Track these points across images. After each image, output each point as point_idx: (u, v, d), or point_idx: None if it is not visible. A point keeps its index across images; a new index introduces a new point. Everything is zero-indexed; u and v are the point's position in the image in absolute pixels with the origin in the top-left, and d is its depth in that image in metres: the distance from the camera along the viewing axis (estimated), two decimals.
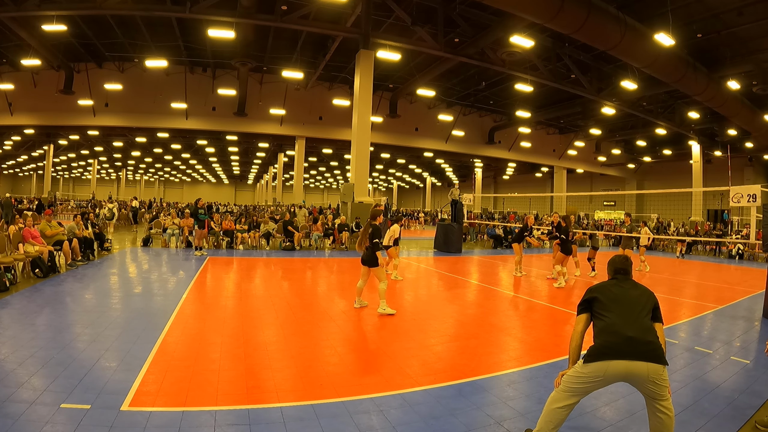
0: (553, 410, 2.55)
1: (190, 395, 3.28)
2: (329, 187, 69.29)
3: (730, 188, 8.30)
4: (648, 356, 2.40)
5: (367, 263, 6.08)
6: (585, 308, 2.72)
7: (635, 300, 2.64)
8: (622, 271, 2.89)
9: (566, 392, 2.54)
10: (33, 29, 16.06)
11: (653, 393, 2.44)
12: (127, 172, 57.48)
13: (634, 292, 2.69)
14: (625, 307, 2.59)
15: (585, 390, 2.52)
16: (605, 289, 2.72)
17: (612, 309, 2.59)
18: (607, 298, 2.66)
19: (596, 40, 13.78)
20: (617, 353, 2.42)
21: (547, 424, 2.57)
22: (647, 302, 2.65)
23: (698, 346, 5.09)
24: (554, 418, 2.55)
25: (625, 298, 2.65)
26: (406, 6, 15.47)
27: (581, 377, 2.50)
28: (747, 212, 22.18)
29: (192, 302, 6.34)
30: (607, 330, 2.52)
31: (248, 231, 14.18)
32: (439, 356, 4.44)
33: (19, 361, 3.76)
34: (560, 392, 2.57)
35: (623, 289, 2.71)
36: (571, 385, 2.53)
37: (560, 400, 2.55)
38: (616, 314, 2.56)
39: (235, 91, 22.67)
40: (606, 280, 2.87)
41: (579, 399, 2.56)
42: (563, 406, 2.54)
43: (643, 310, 2.60)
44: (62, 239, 8.87)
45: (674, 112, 23.47)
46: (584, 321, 2.71)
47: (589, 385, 2.50)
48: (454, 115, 27.65)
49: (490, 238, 19.05)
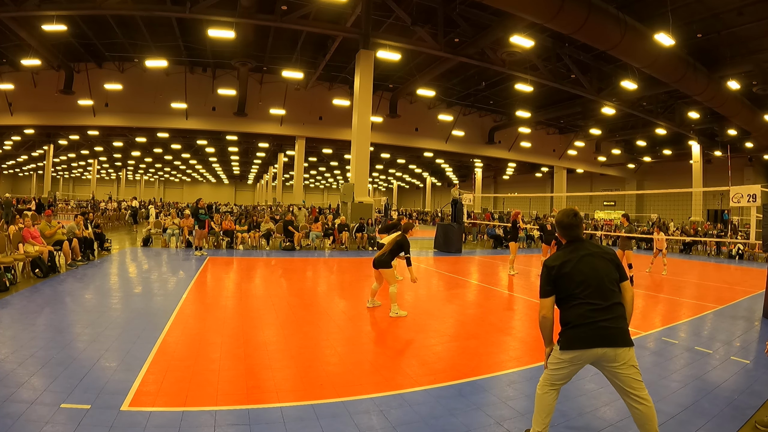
0: (540, 397, 2.63)
1: (190, 395, 3.28)
2: (329, 187, 69.28)
3: (730, 188, 8.31)
4: (617, 341, 2.43)
5: (379, 266, 6.09)
6: (551, 291, 2.57)
7: (603, 272, 2.50)
8: (575, 232, 2.64)
9: (550, 384, 2.62)
10: (33, 29, 16.07)
11: (624, 379, 2.45)
12: (127, 172, 57.45)
13: (598, 262, 2.53)
14: (595, 286, 2.47)
15: (567, 376, 2.59)
16: (570, 266, 2.53)
17: (582, 290, 2.48)
18: (574, 277, 2.50)
19: (596, 40, 13.78)
20: (592, 342, 2.45)
21: (539, 414, 2.62)
22: (611, 270, 2.53)
23: (698, 346, 5.08)
24: (544, 406, 2.61)
25: (592, 274, 2.49)
26: (406, 6, 15.46)
27: (561, 364, 2.55)
28: (747, 212, 22.17)
29: (192, 302, 6.34)
30: (581, 317, 2.47)
31: (248, 231, 14.19)
32: (439, 356, 4.44)
33: (19, 361, 3.76)
34: (545, 384, 2.63)
35: (587, 261, 2.52)
36: (554, 373, 2.59)
37: (546, 391, 2.62)
38: (587, 297, 2.47)
39: (235, 91, 22.67)
40: (565, 250, 2.63)
41: (562, 385, 2.64)
42: (549, 393, 2.61)
43: (611, 282, 2.50)
44: (62, 239, 8.87)
45: (674, 112, 23.47)
46: (552, 305, 2.58)
47: (569, 371, 2.56)
48: (454, 115, 27.66)
49: (490, 238, 19.05)
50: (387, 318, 5.86)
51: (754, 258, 17.09)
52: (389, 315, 5.94)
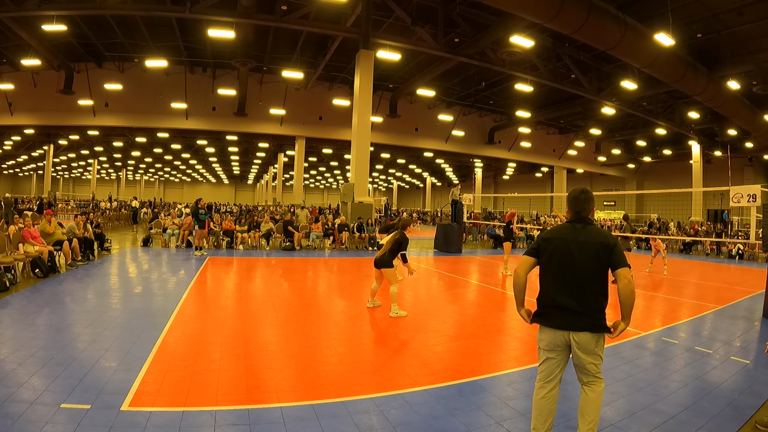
0: (537, 401, 2.61)
1: (190, 395, 3.28)
2: (329, 187, 69.28)
3: (730, 188, 8.29)
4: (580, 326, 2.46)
5: (380, 265, 6.08)
6: (533, 254, 2.64)
7: (584, 258, 2.47)
8: (578, 207, 2.61)
9: (541, 380, 2.61)
10: (33, 29, 16.06)
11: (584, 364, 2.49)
12: (127, 172, 57.48)
13: (585, 249, 2.48)
14: (567, 266, 2.49)
15: (554, 369, 2.57)
16: (556, 241, 2.56)
17: (554, 266, 2.54)
18: (552, 254, 2.54)
19: (596, 40, 13.78)
20: (557, 323, 2.50)
21: (537, 418, 2.60)
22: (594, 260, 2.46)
23: (698, 346, 5.08)
24: (542, 409, 2.58)
25: (570, 255, 2.49)
26: (406, 6, 15.46)
27: (542, 354, 2.58)
28: (747, 212, 22.17)
29: (192, 302, 6.34)
30: (547, 293, 2.56)
31: (248, 231, 14.19)
32: (439, 356, 4.44)
33: (19, 361, 3.76)
34: (537, 381, 2.64)
35: (575, 241, 2.51)
36: (541, 366, 2.60)
37: (539, 389, 2.61)
38: (557, 274, 2.52)
39: (235, 91, 22.67)
40: (563, 224, 2.66)
41: (557, 382, 2.59)
42: (545, 395, 2.58)
43: (588, 270, 2.46)
44: (62, 239, 8.87)
45: (674, 112, 23.48)
46: (529, 265, 2.64)
47: (551, 363, 2.56)
48: (454, 115, 27.65)
49: (490, 238, 19.05)
50: (387, 318, 5.86)
51: (754, 258, 17.09)
52: (389, 315, 5.93)
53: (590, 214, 2.62)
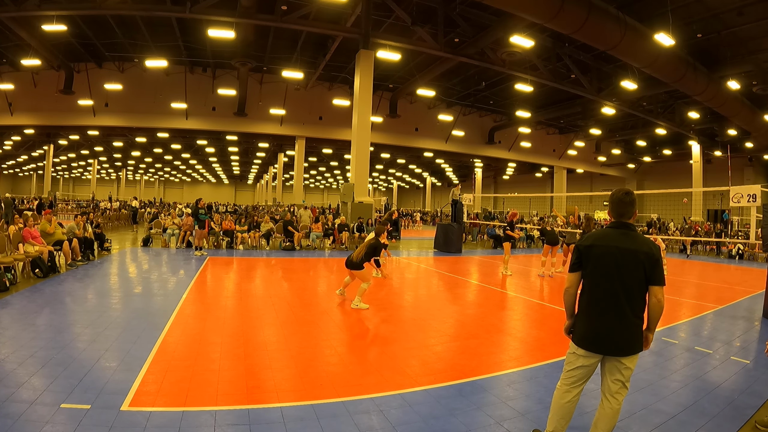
0: (562, 405, 2.58)
1: (190, 395, 3.28)
2: (329, 187, 69.28)
3: (730, 188, 8.30)
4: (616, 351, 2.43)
5: (351, 267, 6.40)
6: (577, 267, 2.52)
7: (630, 268, 2.35)
8: (620, 210, 2.48)
9: (568, 384, 2.58)
10: (33, 29, 16.06)
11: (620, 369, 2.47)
12: (127, 172, 57.46)
13: (627, 258, 2.35)
14: (608, 286, 2.37)
15: (583, 376, 2.55)
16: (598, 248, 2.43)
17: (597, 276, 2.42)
18: (596, 264, 2.42)
19: (596, 40, 13.77)
20: (595, 347, 2.46)
21: (558, 421, 2.59)
22: (640, 271, 2.35)
23: (698, 346, 5.08)
24: (566, 412, 2.58)
25: (614, 265, 2.36)
26: (406, 6, 15.46)
27: (576, 360, 2.54)
28: (747, 212, 22.17)
29: (192, 302, 6.34)
30: (588, 315, 2.50)
31: (248, 231, 14.19)
32: (439, 356, 4.44)
33: (19, 361, 3.76)
34: (563, 385, 2.60)
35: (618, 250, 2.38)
36: (570, 371, 2.57)
37: (565, 393, 2.58)
38: (599, 295, 2.43)
39: (235, 91, 22.67)
40: (604, 230, 2.54)
41: (583, 387, 2.58)
42: (571, 399, 2.57)
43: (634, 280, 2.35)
44: (62, 239, 8.87)
45: (674, 112, 23.47)
46: (577, 280, 2.54)
47: (583, 370, 2.54)
48: (454, 115, 27.65)
49: (490, 238, 19.05)
50: (387, 318, 5.86)
51: (754, 258, 17.09)
52: (351, 306, 6.22)
53: (633, 219, 2.51)
